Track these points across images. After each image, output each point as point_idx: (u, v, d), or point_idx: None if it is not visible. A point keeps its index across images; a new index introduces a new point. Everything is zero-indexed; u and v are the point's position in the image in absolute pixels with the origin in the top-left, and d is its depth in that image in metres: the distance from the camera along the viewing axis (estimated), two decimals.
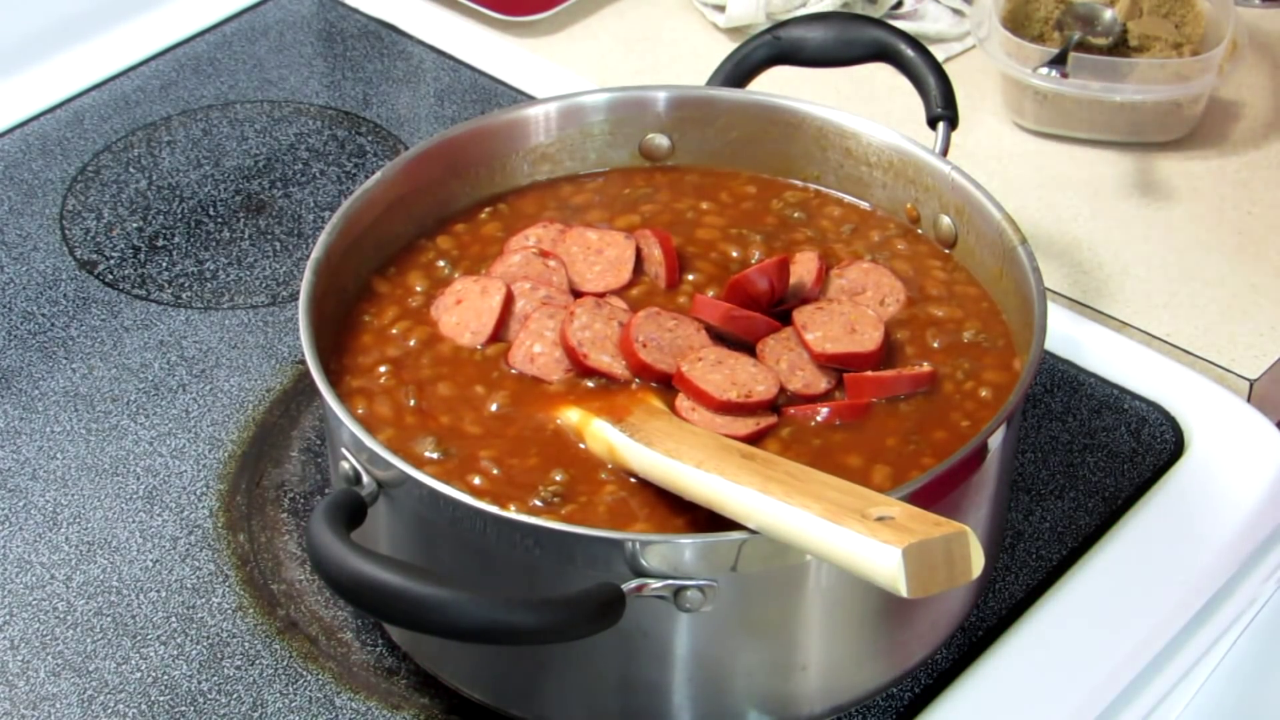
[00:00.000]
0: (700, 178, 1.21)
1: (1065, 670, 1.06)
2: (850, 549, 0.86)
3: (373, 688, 1.04)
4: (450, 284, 1.11)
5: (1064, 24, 1.44)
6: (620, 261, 1.12)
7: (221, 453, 1.18)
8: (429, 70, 1.51)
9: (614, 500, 0.99)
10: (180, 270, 1.31)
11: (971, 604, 1.07)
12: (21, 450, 1.18)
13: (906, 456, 1.02)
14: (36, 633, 1.07)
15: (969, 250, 1.13)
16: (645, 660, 0.97)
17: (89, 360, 1.24)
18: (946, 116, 1.18)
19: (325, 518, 0.91)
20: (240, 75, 1.50)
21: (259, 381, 1.23)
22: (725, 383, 1.03)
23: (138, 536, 1.13)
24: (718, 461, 0.95)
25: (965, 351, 1.08)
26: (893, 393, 1.05)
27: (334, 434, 1.01)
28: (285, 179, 1.40)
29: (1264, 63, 1.51)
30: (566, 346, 1.06)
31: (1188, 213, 1.38)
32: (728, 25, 1.53)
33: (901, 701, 1.04)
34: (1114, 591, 1.10)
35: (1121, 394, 1.21)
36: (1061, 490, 1.16)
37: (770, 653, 0.98)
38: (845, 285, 1.11)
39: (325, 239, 1.08)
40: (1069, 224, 1.36)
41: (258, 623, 1.08)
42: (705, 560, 0.92)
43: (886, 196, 1.18)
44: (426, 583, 0.87)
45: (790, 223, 1.18)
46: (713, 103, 1.21)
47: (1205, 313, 1.29)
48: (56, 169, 1.41)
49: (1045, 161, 1.42)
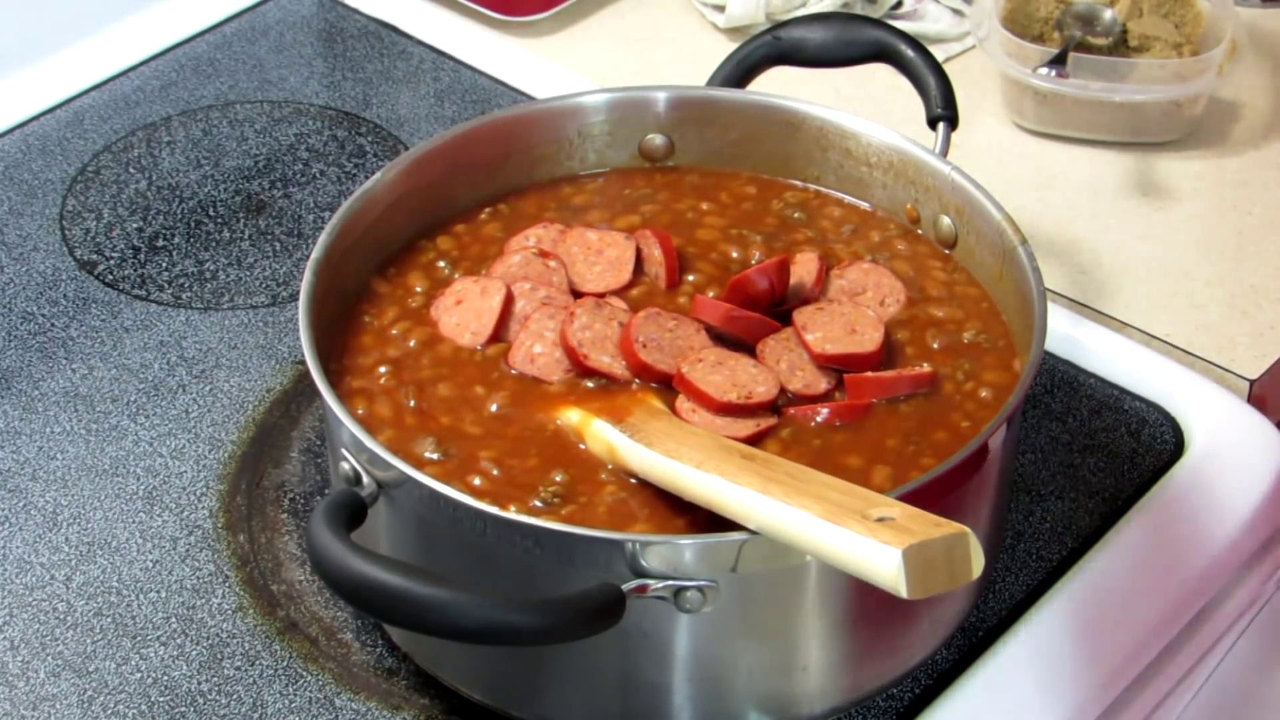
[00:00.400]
0: (700, 178, 1.21)
1: (1065, 670, 1.06)
2: (850, 550, 0.86)
3: (373, 688, 1.04)
4: (450, 284, 1.11)
5: (1064, 24, 1.44)
6: (620, 262, 1.12)
7: (221, 453, 1.18)
8: (429, 70, 1.51)
9: (614, 501, 0.99)
10: (180, 270, 1.31)
11: (971, 604, 1.07)
12: (21, 450, 1.18)
13: (907, 457, 1.02)
14: (36, 633, 1.07)
15: (969, 250, 1.13)
16: (645, 661, 0.97)
17: (89, 361, 1.24)
18: (946, 117, 1.18)
19: (325, 518, 0.91)
20: (240, 75, 1.50)
21: (259, 382, 1.23)
22: (725, 384, 1.03)
23: (138, 537, 1.13)
24: (717, 462, 0.95)
25: (965, 352, 1.08)
26: (893, 393, 1.05)
27: (334, 434, 1.01)
28: (285, 179, 1.40)
29: (1264, 63, 1.51)
30: (566, 347, 1.06)
31: (1188, 213, 1.38)
32: (728, 25, 1.53)
33: (901, 702, 1.04)
34: (1114, 591, 1.10)
35: (1121, 394, 1.21)
36: (1061, 490, 1.16)
37: (770, 653, 0.98)
38: (845, 286, 1.11)
39: (325, 239, 1.08)
40: (1069, 224, 1.36)
41: (258, 623, 1.08)
42: (705, 561, 0.92)
43: (886, 197, 1.18)
44: (426, 583, 0.87)
45: (790, 223, 1.18)
46: (713, 103, 1.21)
47: (1205, 313, 1.29)
48: (56, 169, 1.41)
49: (1045, 161, 1.42)
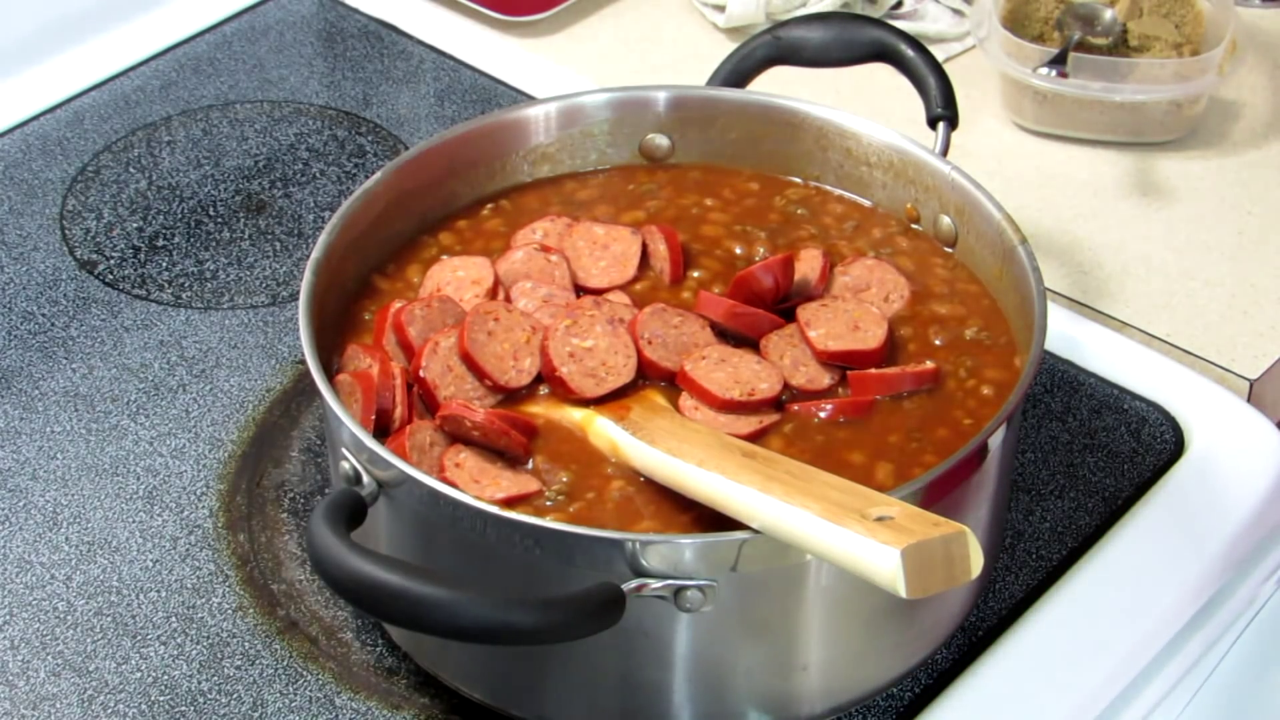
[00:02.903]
0: (703, 174, 1.21)
1: (1065, 670, 1.06)
2: (850, 549, 0.86)
3: (373, 688, 1.04)
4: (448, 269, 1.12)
5: (1064, 24, 1.44)
6: (626, 257, 1.13)
7: (221, 453, 1.18)
8: (429, 70, 1.51)
9: (621, 497, 0.99)
10: (180, 270, 1.31)
11: (971, 604, 1.07)
12: (21, 450, 1.18)
13: (909, 453, 1.02)
14: (37, 633, 1.07)
15: (969, 250, 1.13)
16: (645, 660, 0.97)
17: (89, 360, 1.24)
18: (946, 116, 1.18)
19: (325, 517, 0.91)
20: (240, 75, 1.50)
21: (259, 381, 1.23)
22: (728, 381, 1.03)
23: (138, 536, 1.13)
24: (719, 460, 0.95)
25: (968, 349, 1.08)
26: (896, 390, 1.05)
27: (334, 434, 1.01)
28: (285, 179, 1.40)
29: (1264, 63, 1.51)
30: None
31: (1188, 213, 1.38)
32: (728, 25, 1.53)
33: (901, 701, 1.04)
34: (1114, 591, 1.10)
35: (1121, 394, 1.21)
36: (1061, 490, 1.16)
37: (770, 653, 0.98)
38: (849, 282, 1.11)
39: (325, 239, 1.08)
40: (1069, 224, 1.36)
41: (258, 623, 1.08)
42: (705, 560, 0.92)
43: (887, 196, 1.18)
44: (426, 583, 0.87)
45: (794, 219, 1.18)
46: (713, 103, 1.21)
47: (1205, 313, 1.29)
48: (56, 169, 1.41)
49: (1045, 161, 1.42)
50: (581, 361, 1.04)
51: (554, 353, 1.04)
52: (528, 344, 1.05)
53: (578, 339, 1.05)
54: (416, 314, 1.06)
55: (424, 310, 1.06)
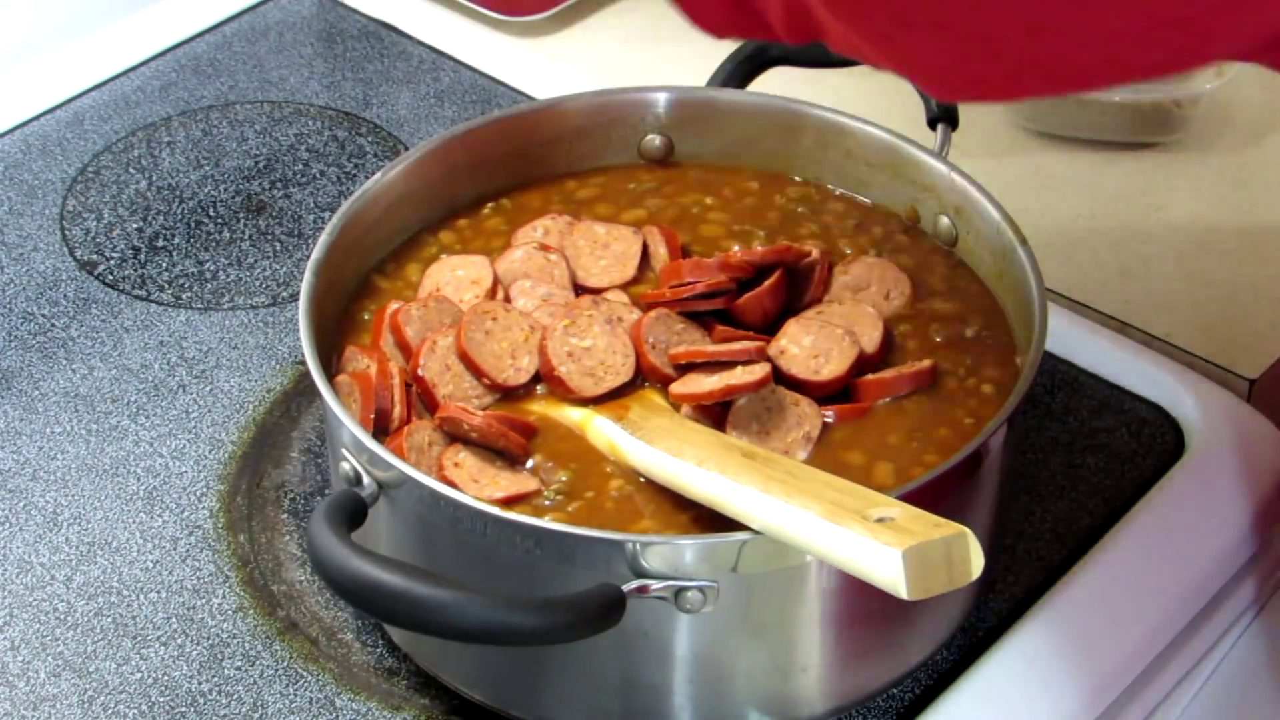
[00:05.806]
0: (703, 173, 1.21)
1: (1065, 670, 1.06)
2: (851, 550, 0.86)
3: (373, 688, 1.04)
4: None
5: None
6: (627, 257, 1.13)
7: (221, 453, 1.18)
8: (429, 70, 1.51)
9: (620, 496, 0.99)
10: (180, 271, 1.31)
11: (971, 604, 1.07)
12: (21, 451, 1.18)
13: (909, 454, 1.02)
14: (37, 633, 1.07)
15: (969, 250, 1.13)
16: (646, 661, 0.97)
17: (89, 361, 1.24)
18: (946, 117, 1.18)
19: (325, 518, 0.91)
20: (240, 75, 1.50)
21: (259, 382, 1.23)
22: (716, 384, 1.03)
23: (138, 537, 1.13)
24: (719, 460, 0.95)
25: (968, 347, 1.08)
26: (895, 393, 1.05)
27: (334, 434, 1.01)
28: (285, 179, 1.40)
29: None
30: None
31: (1188, 213, 1.38)
32: None
33: (902, 702, 1.04)
34: (1114, 592, 1.10)
35: (1121, 394, 1.21)
36: (1061, 490, 1.16)
37: (771, 654, 0.98)
38: (850, 281, 1.11)
39: (325, 239, 1.08)
40: (1069, 224, 1.36)
41: (258, 623, 1.08)
42: (706, 561, 0.92)
43: (886, 197, 1.18)
44: (427, 583, 0.87)
45: (794, 217, 1.18)
46: (713, 103, 1.21)
47: (1205, 313, 1.29)
48: (56, 169, 1.41)
49: (1045, 161, 1.42)
50: (580, 361, 1.04)
51: (552, 352, 1.04)
52: (526, 343, 1.05)
53: (576, 338, 1.05)
54: (413, 314, 1.06)
55: (421, 311, 1.06)
